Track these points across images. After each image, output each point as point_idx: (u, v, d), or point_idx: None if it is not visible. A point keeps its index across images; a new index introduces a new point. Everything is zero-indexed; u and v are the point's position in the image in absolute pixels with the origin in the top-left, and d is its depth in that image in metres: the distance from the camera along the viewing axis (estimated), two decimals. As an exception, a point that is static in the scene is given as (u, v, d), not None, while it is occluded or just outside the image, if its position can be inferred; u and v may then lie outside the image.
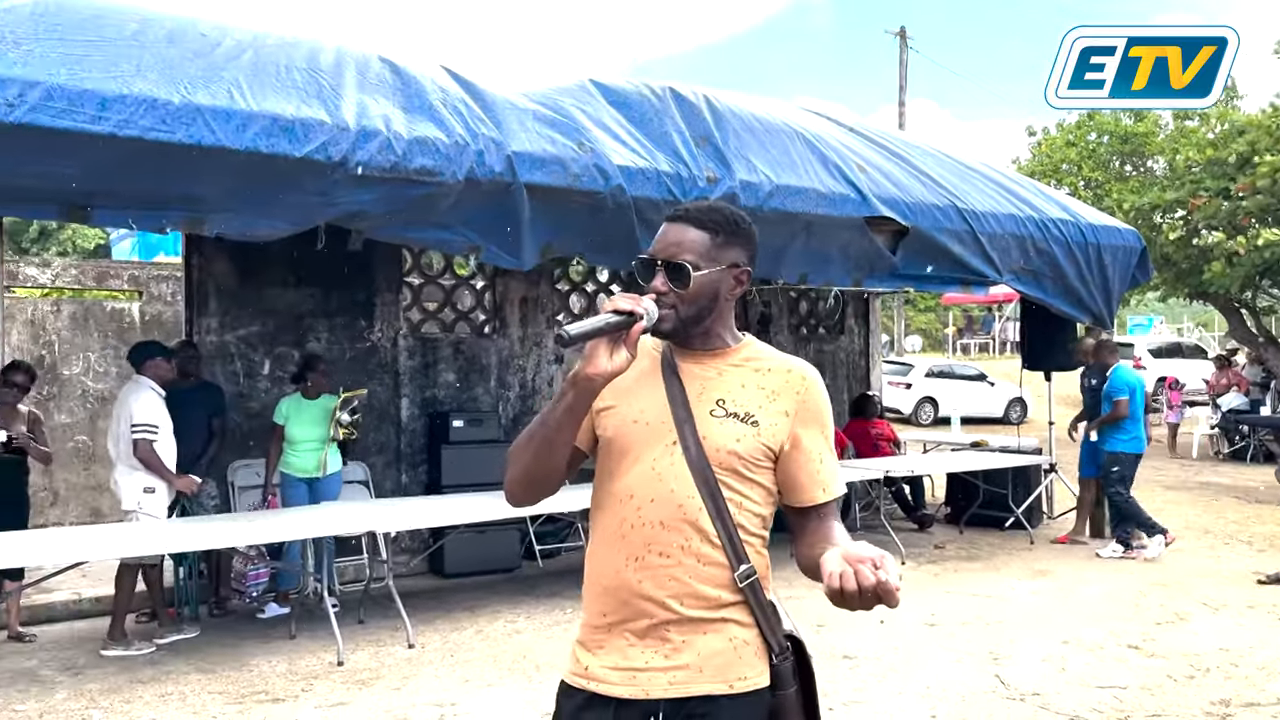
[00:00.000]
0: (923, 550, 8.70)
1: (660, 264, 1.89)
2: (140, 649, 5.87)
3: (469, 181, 5.36)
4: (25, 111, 4.20)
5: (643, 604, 1.87)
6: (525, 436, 1.89)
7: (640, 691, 1.87)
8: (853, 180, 7.18)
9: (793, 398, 1.94)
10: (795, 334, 10.66)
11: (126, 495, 6.18)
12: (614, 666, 1.89)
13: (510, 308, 8.70)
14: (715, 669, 1.87)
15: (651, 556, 1.87)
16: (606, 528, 1.92)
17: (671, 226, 1.93)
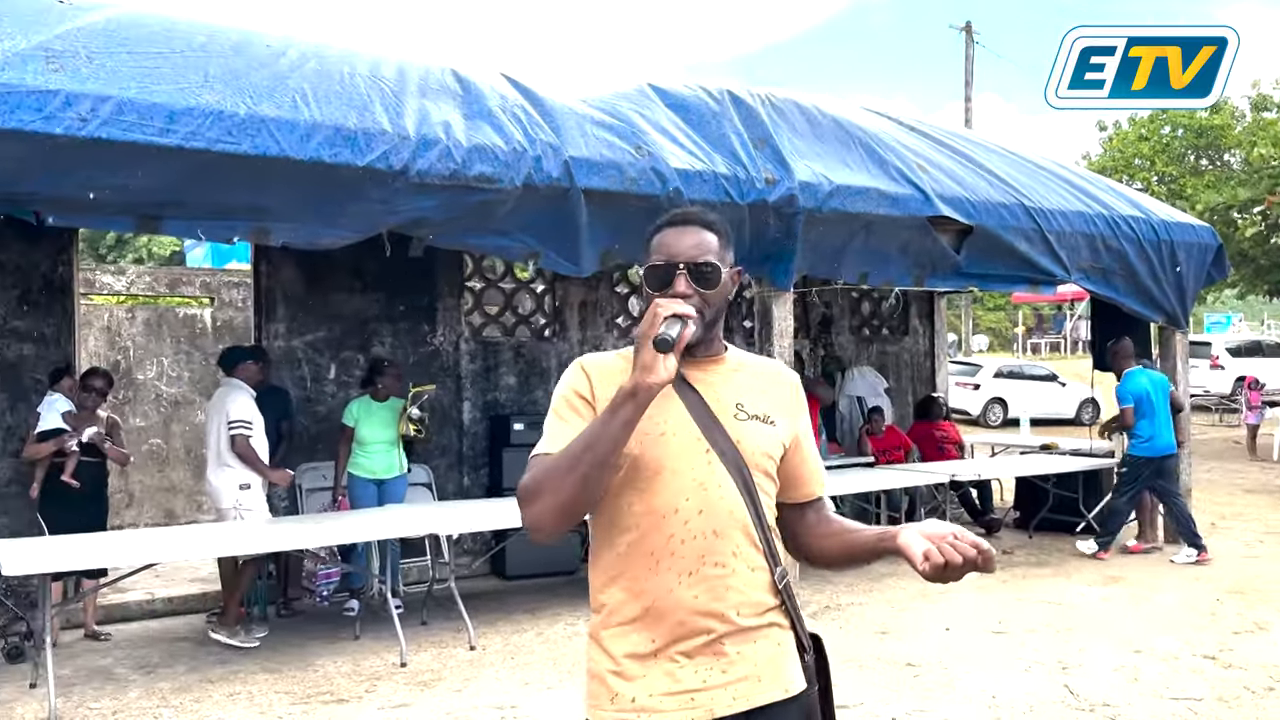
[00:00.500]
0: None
1: (683, 268, 1.84)
2: (245, 641, 6.06)
3: (527, 187, 5.40)
4: (97, 126, 4.32)
5: (701, 621, 1.83)
6: (563, 466, 1.75)
7: (704, 713, 1.82)
8: (914, 180, 7.07)
9: (788, 397, 1.99)
10: (857, 335, 10.55)
11: (225, 493, 6.32)
12: (666, 693, 1.82)
13: (570, 311, 8.73)
14: (771, 676, 1.87)
15: (707, 569, 1.83)
16: (647, 548, 1.84)
17: (685, 230, 1.89)
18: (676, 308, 1.75)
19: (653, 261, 1.88)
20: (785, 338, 6.75)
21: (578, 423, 1.85)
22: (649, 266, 1.88)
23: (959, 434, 10.59)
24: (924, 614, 6.62)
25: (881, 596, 7.10)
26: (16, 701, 5.09)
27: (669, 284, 1.85)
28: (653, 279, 1.87)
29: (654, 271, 1.87)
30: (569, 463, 1.75)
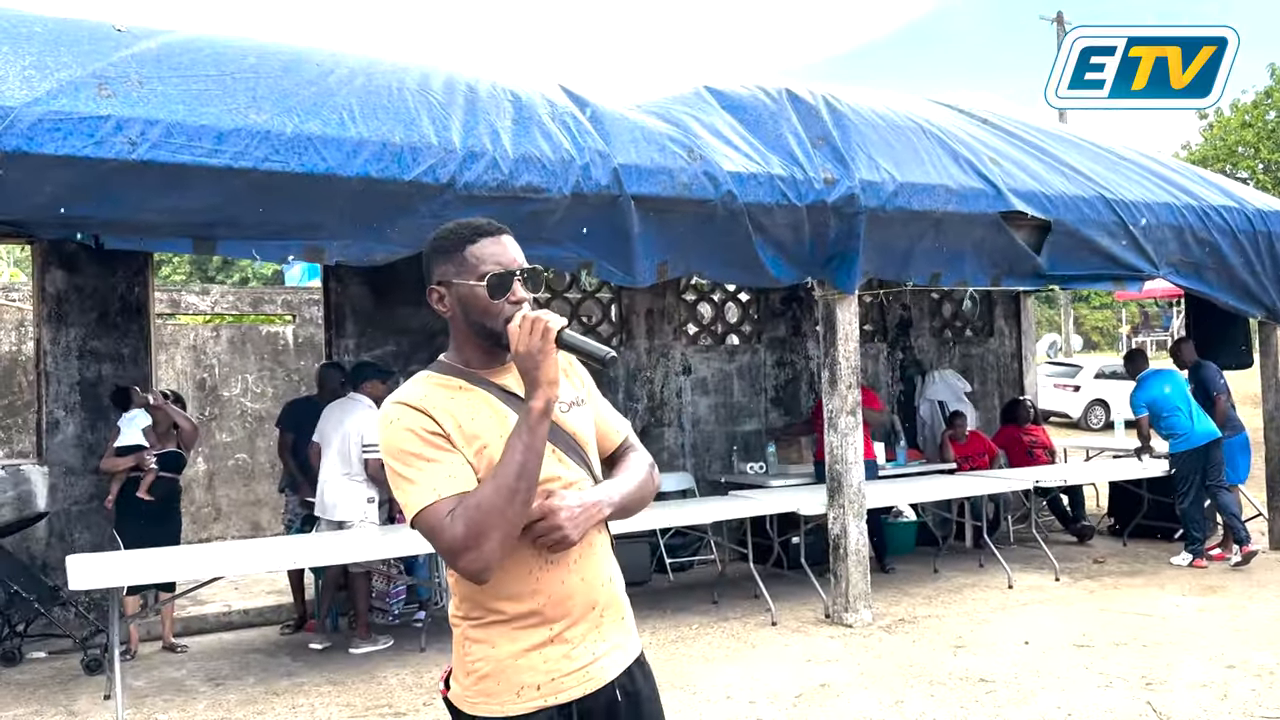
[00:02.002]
0: (1079, 564, 8.16)
1: (520, 274, 1.95)
2: (380, 644, 6.28)
3: (575, 196, 5.34)
4: (147, 149, 4.41)
5: (587, 602, 1.97)
6: (504, 496, 1.79)
7: (596, 682, 1.98)
8: (984, 174, 6.81)
9: (572, 374, 2.09)
10: (938, 337, 10.23)
11: (350, 505, 6.40)
12: (567, 673, 1.95)
13: (637, 319, 8.67)
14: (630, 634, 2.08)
15: (583, 553, 1.96)
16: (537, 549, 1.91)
17: (502, 240, 1.97)
18: (556, 321, 1.84)
19: (487, 271, 1.92)
20: (850, 342, 6.56)
21: (451, 457, 1.86)
22: (486, 276, 1.92)
23: (1049, 438, 10.16)
24: (1003, 626, 6.34)
25: (960, 609, 6.83)
26: (90, 713, 5.24)
27: (509, 290, 1.92)
28: (493, 288, 1.92)
29: (495, 280, 1.92)
30: (507, 495, 1.80)
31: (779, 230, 6.04)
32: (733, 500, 7.25)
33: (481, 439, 1.89)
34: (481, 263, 1.93)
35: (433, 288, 2.00)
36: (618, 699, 2.00)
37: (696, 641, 6.19)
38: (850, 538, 6.44)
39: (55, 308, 6.82)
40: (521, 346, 1.82)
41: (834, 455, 6.52)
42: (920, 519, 8.85)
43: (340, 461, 6.38)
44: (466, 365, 1.99)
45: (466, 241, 1.96)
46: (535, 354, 1.82)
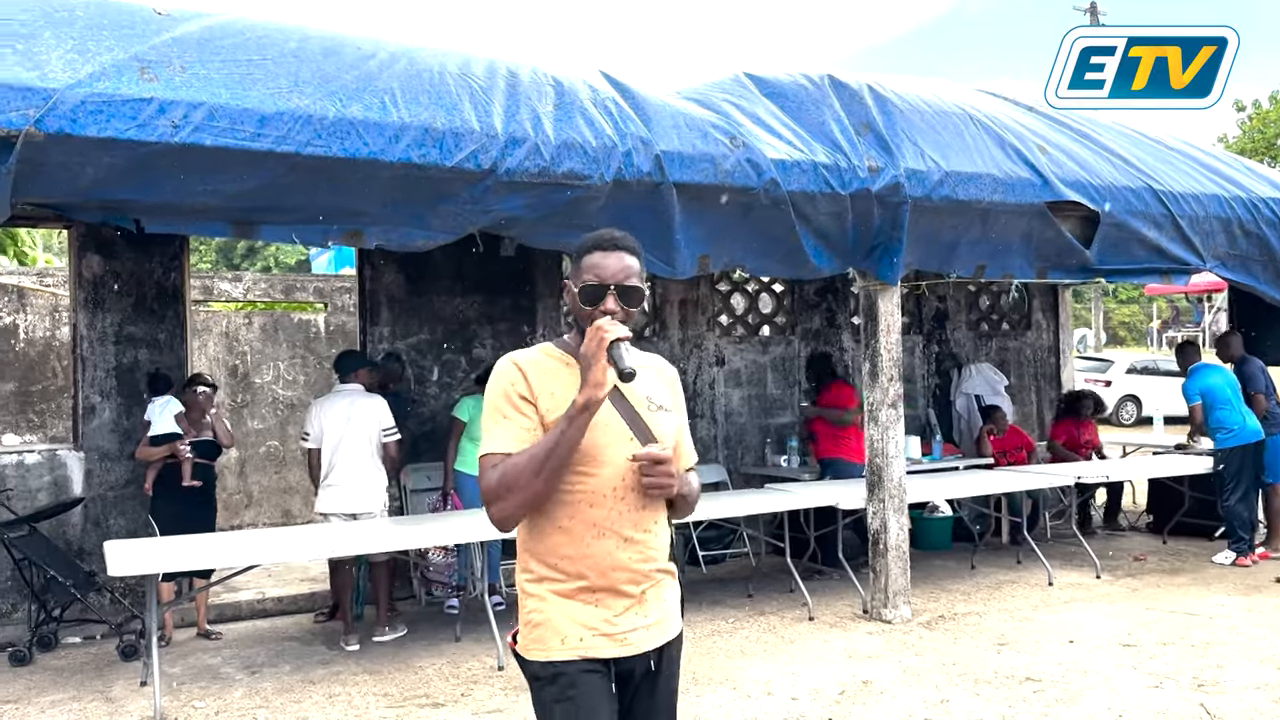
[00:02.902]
0: (1120, 562, 8.03)
1: (613, 288, 2.20)
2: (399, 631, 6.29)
3: (617, 183, 5.26)
4: (190, 132, 4.36)
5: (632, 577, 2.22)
6: (530, 468, 2.12)
7: (633, 649, 2.24)
8: (1032, 163, 6.67)
9: (673, 389, 2.42)
10: (975, 330, 10.10)
11: (379, 497, 6.35)
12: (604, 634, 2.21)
13: (670, 309, 8.59)
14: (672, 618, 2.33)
15: (637, 535, 2.23)
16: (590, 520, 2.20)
17: (613, 255, 2.23)
18: (619, 331, 2.12)
19: (586, 281, 2.22)
20: (892, 334, 6.46)
21: (521, 420, 2.20)
22: (583, 285, 2.21)
23: (1099, 438, 9.95)
24: (1045, 624, 6.23)
25: (1000, 605, 6.73)
26: (127, 699, 5.22)
27: (600, 301, 2.20)
28: (587, 296, 2.22)
29: (588, 290, 2.21)
30: (534, 466, 2.12)
31: (822, 219, 5.94)
32: (770, 494, 7.17)
33: (559, 414, 2.17)
34: (586, 272, 2.23)
35: (564, 281, 2.37)
36: (651, 668, 2.27)
37: (733, 635, 6.12)
38: (890, 533, 6.34)
39: (92, 293, 6.82)
40: (584, 348, 2.14)
41: (874, 449, 6.42)
42: (956, 514, 8.73)
43: (361, 454, 6.28)
44: (578, 348, 2.23)
45: (586, 251, 2.26)
46: (589, 356, 2.12)
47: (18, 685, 5.47)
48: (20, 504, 6.47)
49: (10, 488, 6.52)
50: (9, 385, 9.91)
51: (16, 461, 6.65)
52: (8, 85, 4.06)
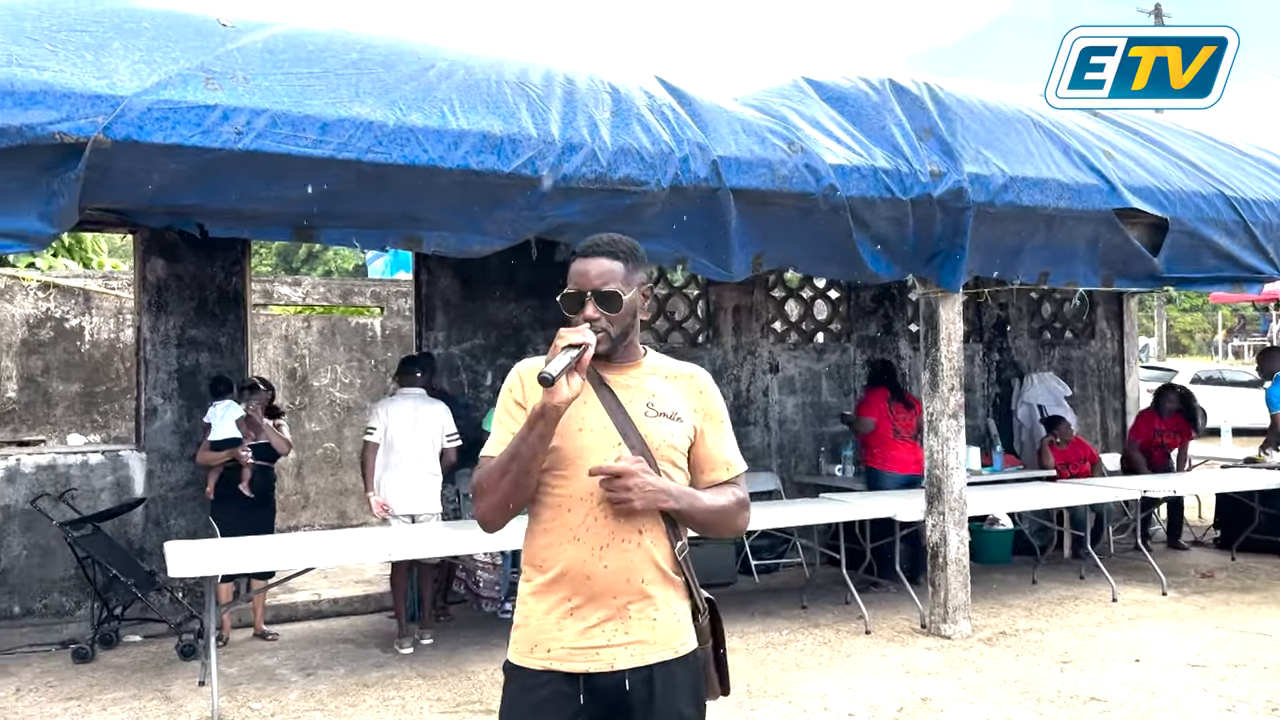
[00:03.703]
0: (1186, 579, 7.81)
1: (590, 294, 2.18)
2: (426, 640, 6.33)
3: (674, 189, 5.22)
4: (253, 139, 4.40)
5: (610, 588, 2.15)
6: (497, 471, 2.14)
7: (605, 665, 2.16)
8: (1098, 168, 6.51)
9: (696, 398, 2.33)
10: (1037, 338, 9.89)
11: (434, 500, 6.44)
12: (577, 647, 2.16)
13: (724, 316, 8.53)
14: (664, 638, 2.20)
15: (616, 544, 2.16)
16: (567, 525, 2.17)
17: (589, 260, 2.22)
18: (573, 337, 2.07)
19: (565, 291, 2.22)
20: (953, 342, 6.34)
21: (510, 425, 2.20)
22: (563, 295, 2.21)
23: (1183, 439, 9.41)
24: (1110, 642, 6.06)
25: (1062, 622, 6.57)
26: (185, 699, 5.28)
27: (580, 309, 2.19)
28: (566, 304, 2.21)
29: (566, 298, 2.21)
30: (501, 469, 2.14)
31: (881, 225, 5.85)
32: (826, 504, 7.07)
33: None
34: (569, 280, 2.23)
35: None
36: (626, 688, 2.17)
37: (788, 648, 6.03)
38: (950, 546, 6.22)
39: (155, 296, 6.93)
40: (548, 355, 2.09)
41: (934, 460, 6.31)
42: (1017, 527, 8.55)
43: (423, 456, 6.36)
44: None
45: (571, 261, 2.26)
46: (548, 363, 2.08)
47: (80, 682, 5.56)
48: (84, 503, 6.59)
49: (74, 487, 6.65)
50: (74, 386, 10.13)
51: (81, 462, 6.79)
52: (78, 93, 4.13)
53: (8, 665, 5.91)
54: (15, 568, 6.58)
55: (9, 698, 5.33)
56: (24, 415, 9.89)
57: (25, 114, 4.04)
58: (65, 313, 10.12)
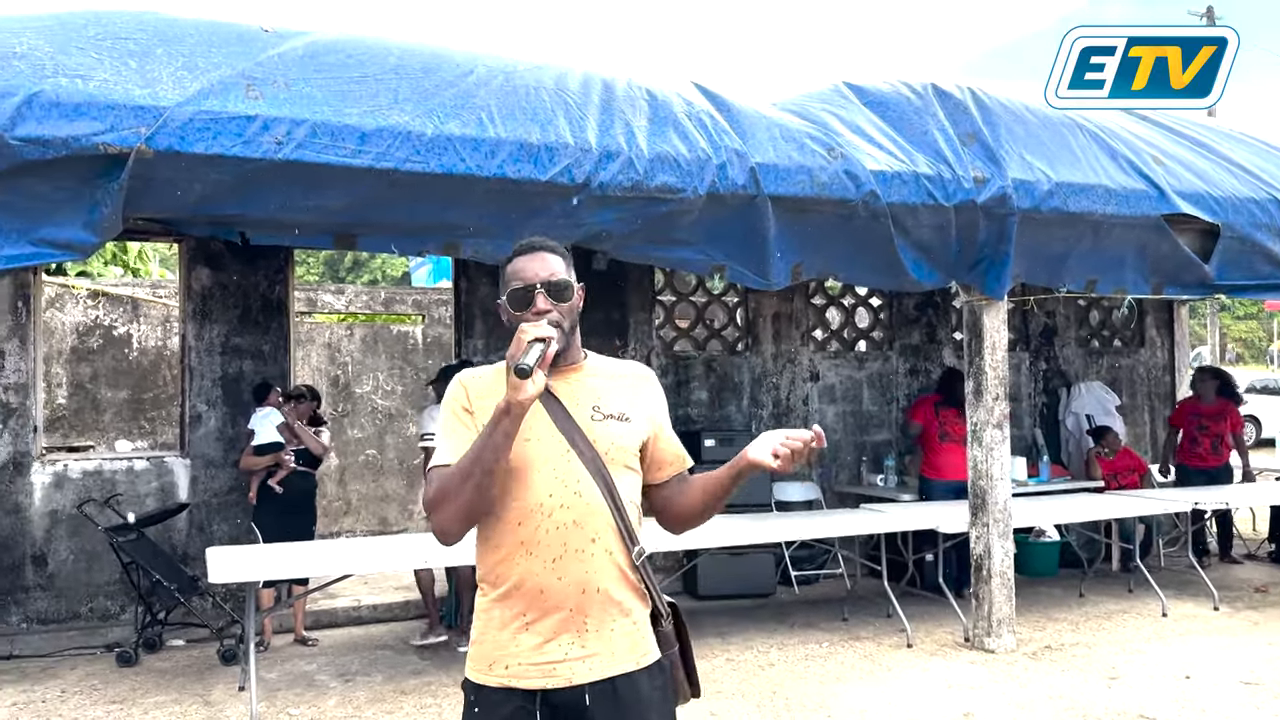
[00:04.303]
0: (1239, 593, 7.60)
1: (540, 287, 2.13)
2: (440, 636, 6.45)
3: (711, 196, 5.18)
4: (293, 149, 4.44)
5: (564, 600, 2.09)
6: (458, 477, 2.02)
7: (563, 681, 2.09)
8: (1147, 174, 6.38)
9: (643, 396, 2.28)
10: (1085, 347, 9.71)
11: None
12: (533, 662, 2.09)
13: (763, 324, 8.46)
14: (625, 649, 2.14)
15: (570, 554, 2.09)
16: (519, 538, 2.09)
17: (533, 256, 2.17)
18: (537, 331, 1.98)
19: (512, 286, 2.15)
20: (998, 351, 6.23)
21: (463, 433, 2.12)
22: (510, 291, 2.15)
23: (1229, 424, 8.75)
24: (1159, 658, 5.91)
25: (1110, 636, 6.42)
26: (225, 704, 5.32)
27: (530, 303, 2.12)
28: (515, 301, 2.14)
29: (515, 294, 2.14)
30: (462, 475, 2.02)
31: (923, 232, 5.77)
32: (866, 514, 6.98)
33: None
34: (512, 279, 2.17)
35: (497, 304, 2.25)
36: (584, 703, 2.09)
37: (828, 661, 5.95)
38: (994, 558, 6.11)
39: (200, 304, 7.02)
40: (511, 350, 2.00)
41: (978, 470, 6.20)
42: (1064, 539, 8.38)
43: None
44: None
45: (509, 261, 2.19)
46: (510, 359, 2.00)
47: (123, 686, 5.63)
48: (129, 509, 6.67)
49: (120, 493, 6.74)
50: (122, 393, 10.30)
51: (126, 467, 6.88)
52: (121, 104, 4.19)
53: (54, 668, 6.01)
54: (62, 572, 6.68)
55: (53, 700, 5.41)
56: (73, 421, 10.07)
57: (71, 125, 4.11)
58: (114, 321, 10.30)
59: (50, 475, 6.70)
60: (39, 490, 6.64)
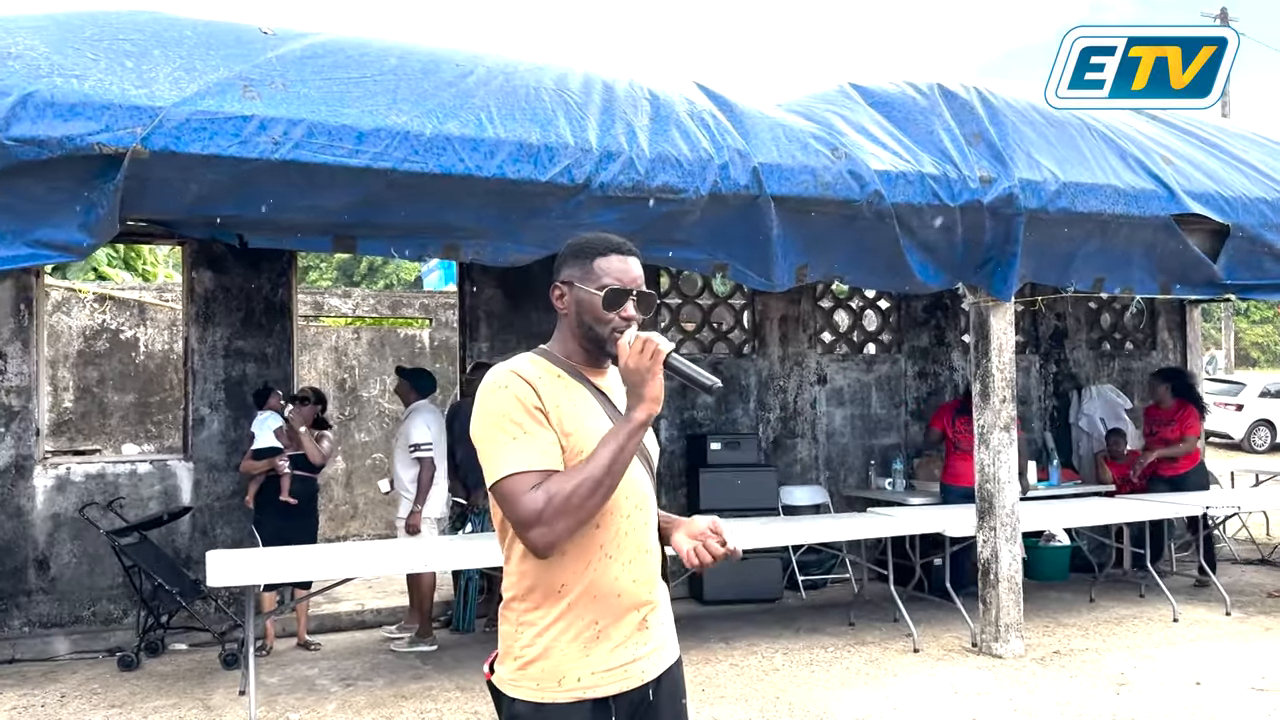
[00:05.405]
0: (1252, 598, 7.50)
1: (635, 294, 2.08)
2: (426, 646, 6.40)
3: (713, 196, 5.13)
4: (289, 149, 4.41)
5: (636, 601, 2.07)
6: (588, 486, 1.92)
7: (636, 680, 2.06)
8: (1156, 173, 6.30)
9: None
10: (1095, 349, 9.62)
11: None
12: (608, 669, 2.02)
13: (770, 327, 8.40)
14: (670, 641, 2.18)
15: (640, 555, 2.08)
16: (598, 541, 2.02)
17: (632, 259, 2.12)
18: (665, 344, 1.96)
19: (608, 284, 2.06)
20: (1005, 353, 6.16)
21: (545, 434, 1.97)
22: (607, 289, 2.05)
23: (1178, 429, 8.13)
24: (1169, 664, 5.83)
25: (1120, 642, 6.33)
26: (225, 708, 5.29)
27: (621, 305, 2.06)
28: (609, 300, 2.06)
29: (612, 294, 2.06)
30: (592, 486, 1.93)
31: (929, 232, 5.71)
32: (873, 518, 6.91)
33: (571, 428, 2.00)
34: (604, 275, 2.08)
35: (557, 284, 2.13)
36: (650, 698, 2.09)
37: (833, 665, 5.89)
38: (1002, 562, 6.03)
39: (203, 307, 7.00)
40: (632, 363, 1.97)
41: (985, 474, 6.13)
42: (1075, 544, 8.29)
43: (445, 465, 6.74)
44: (568, 359, 2.11)
45: (599, 253, 2.10)
46: (644, 371, 1.96)
47: (124, 690, 5.61)
48: (132, 512, 6.66)
49: (122, 496, 6.72)
50: (129, 397, 10.31)
51: (129, 471, 6.87)
52: (117, 104, 4.17)
53: (56, 672, 5.99)
54: (64, 575, 6.67)
55: (53, 704, 5.39)
56: (80, 425, 10.08)
57: (66, 125, 4.09)
58: (120, 324, 10.31)
59: (53, 478, 6.69)
60: (41, 494, 6.63)
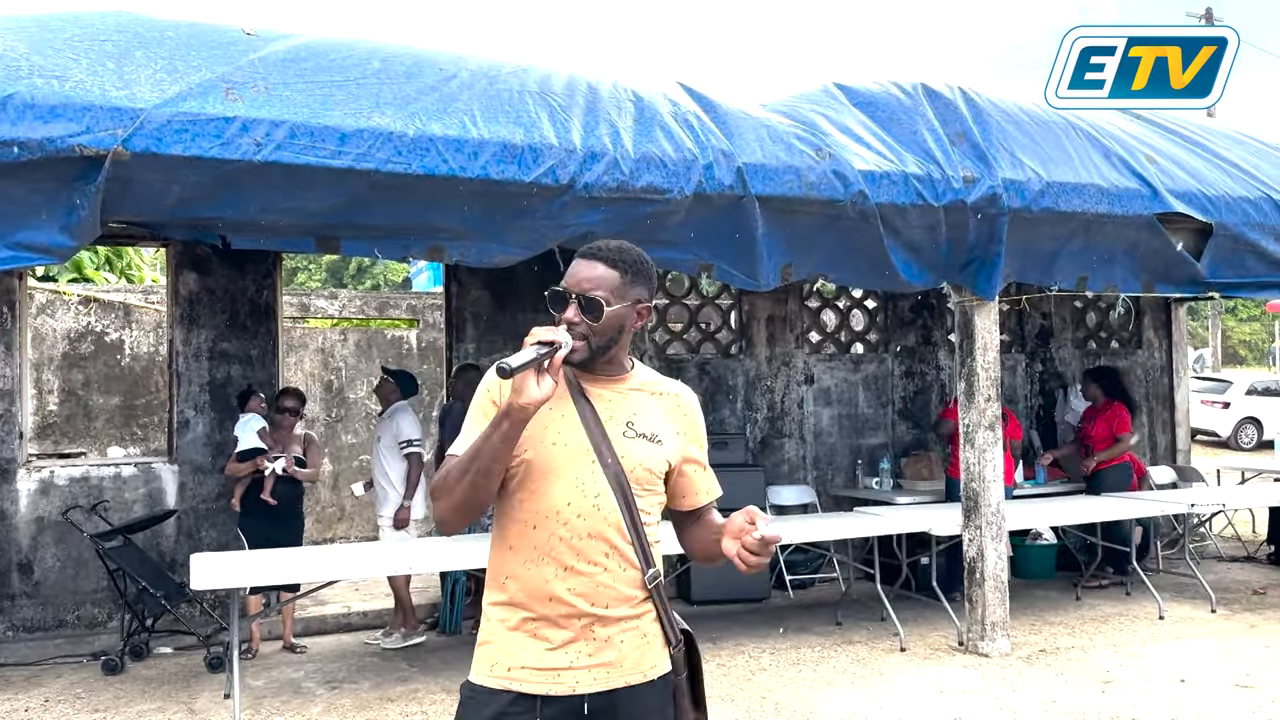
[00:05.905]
0: (1237, 595, 7.54)
1: (574, 297, 2.05)
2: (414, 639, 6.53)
3: (697, 196, 5.14)
4: (272, 150, 4.39)
5: (572, 609, 2.05)
6: (457, 471, 2.00)
7: (567, 689, 2.06)
8: (1140, 172, 6.33)
9: (681, 419, 2.21)
10: (1081, 348, 9.65)
11: None
12: (537, 667, 2.05)
13: (757, 326, 8.41)
14: (632, 662, 2.10)
15: (581, 565, 2.05)
16: (531, 543, 2.06)
17: (584, 262, 2.10)
18: (543, 334, 1.93)
19: (554, 287, 2.09)
20: (989, 352, 6.18)
21: (485, 425, 2.03)
22: (550, 290, 2.09)
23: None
24: (1154, 661, 5.85)
25: (1105, 640, 6.35)
26: (210, 712, 5.27)
27: (563, 308, 2.06)
28: (552, 300, 2.08)
29: (553, 295, 2.08)
30: (460, 470, 2.01)
31: (913, 232, 5.72)
32: (860, 517, 6.92)
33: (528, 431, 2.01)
34: (565, 278, 2.12)
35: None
36: (585, 712, 2.07)
37: (819, 665, 5.89)
38: (988, 561, 6.05)
39: (187, 309, 6.98)
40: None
41: (970, 472, 6.15)
42: (1061, 542, 8.32)
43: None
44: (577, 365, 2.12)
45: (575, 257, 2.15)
46: None
47: (108, 694, 5.58)
48: (116, 515, 6.63)
49: (106, 499, 6.69)
50: (114, 399, 10.25)
51: (114, 474, 6.84)
52: (98, 105, 4.16)
53: (39, 676, 5.96)
54: (48, 579, 6.64)
55: (36, 709, 5.36)
56: (64, 428, 10.03)
57: (46, 127, 4.07)
58: (105, 327, 10.26)
59: (36, 482, 6.65)
60: (25, 497, 6.60)
